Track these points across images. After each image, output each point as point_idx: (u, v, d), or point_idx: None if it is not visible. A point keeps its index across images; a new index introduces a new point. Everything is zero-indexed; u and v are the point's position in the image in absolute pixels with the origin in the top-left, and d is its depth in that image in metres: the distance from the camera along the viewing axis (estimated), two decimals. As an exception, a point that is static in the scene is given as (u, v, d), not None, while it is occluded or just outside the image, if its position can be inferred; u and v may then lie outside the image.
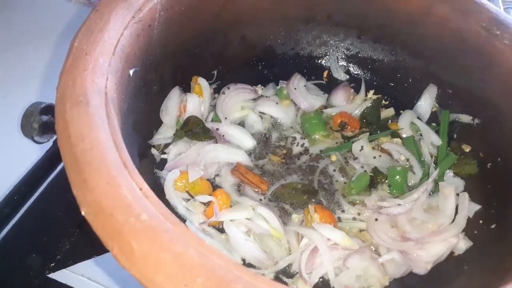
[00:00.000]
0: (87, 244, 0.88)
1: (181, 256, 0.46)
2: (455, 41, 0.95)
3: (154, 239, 0.47)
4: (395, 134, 1.04)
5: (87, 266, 0.87)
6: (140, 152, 0.87)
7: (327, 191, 0.96)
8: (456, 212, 0.88)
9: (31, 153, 1.04)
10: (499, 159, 0.91)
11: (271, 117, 1.07)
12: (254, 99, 1.08)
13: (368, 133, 1.03)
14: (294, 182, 0.96)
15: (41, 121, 0.91)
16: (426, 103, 1.07)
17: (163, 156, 0.95)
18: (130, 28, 0.73)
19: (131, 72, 0.74)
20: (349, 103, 1.10)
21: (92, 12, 0.71)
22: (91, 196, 0.51)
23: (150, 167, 0.92)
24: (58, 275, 0.85)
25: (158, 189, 0.88)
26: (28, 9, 1.47)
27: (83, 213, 0.50)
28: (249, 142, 1.00)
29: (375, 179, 0.95)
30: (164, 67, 0.91)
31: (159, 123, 0.96)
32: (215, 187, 0.93)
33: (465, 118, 0.99)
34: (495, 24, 0.89)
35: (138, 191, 0.52)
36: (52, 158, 1.00)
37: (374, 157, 0.99)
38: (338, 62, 1.17)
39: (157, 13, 0.81)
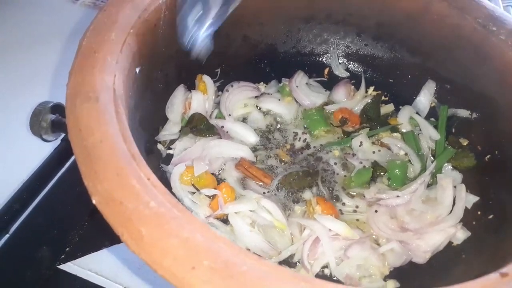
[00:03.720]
0: (96, 237, 0.91)
1: (188, 241, 0.49)
2: (453, 37, 0.97)
3: (162, 225, 0.50)
4: (395, 129, 1.06)
5: (96, 257, 0.90)
6: (147, 147, 0.90)
7: (328, 182, 0.98)
8: (454, 204, 0.91)
9: (40, 151, 1.06)
10: (496, 152, 0.93)
11: (274, 113, 1.10)
12: (257, 96, 1.11)
13: (367, 129, 1.05)
14: (295, 170, 0.98)
15: (49, 119, 0.94)
16: (425, 98, 1.09)
17: (169, 151, 0.97)
18: (136, 28, 0.76)
19: (137, 70, 0.77)
20: (349, 99, 1.12)
21: (100, 12, 0.74)
22: (101, 186, 0.53)
23: (157, 162, 0.95)
24: (68, 267, 0.88)
25: (165, 183, 0.89)
26: (36, 11, 1.50)
27: (94, 202, 0.53)
28: (253, 138, 1.03)
29: (374, 172, 0.98)
30: (169, 65, 0.94)
31: (165, 119, 0.99)
32: (220, 181, 0.96)
33: (463, 113, 1.01)
34: (491, 20, 0.91)
35: (146, 181, 0.55)
36: (60, 155, 1.03)
37: (374, 152, 1.01)
38: (338, 59, 1.19)
39: (162, 13, 0.83)
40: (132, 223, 0.50)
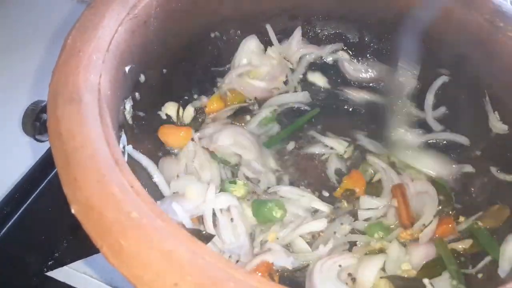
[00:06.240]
0: (85, 243, 0.88)
1: (171, 254, 0.46)
2: (459, 33, 0.94)
3: (143, 237, 0.47)
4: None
5: (85, 264, 0.88)
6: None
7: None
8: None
9: (32, 151, 1.04)
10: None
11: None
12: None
13: None
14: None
15: (42, 119, 0.91)
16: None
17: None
18: (125, 25, 0.72)
19: (126, 69, 0.74)
20: None
21: (87, 9, 0.71)
22: (81, 194, 0.50)
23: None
24: (56, 273, 0.86)
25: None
26: (27, 7, 1.48)
27: (73, 211, 0.50)
28: None
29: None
30: (162, 63, 0.90)
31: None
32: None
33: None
34: (498, 16, 0.88)
35: (129, 188, 0.52)
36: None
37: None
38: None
39: (153, 9, 0.80)
40: (112, 235, 0.47)
